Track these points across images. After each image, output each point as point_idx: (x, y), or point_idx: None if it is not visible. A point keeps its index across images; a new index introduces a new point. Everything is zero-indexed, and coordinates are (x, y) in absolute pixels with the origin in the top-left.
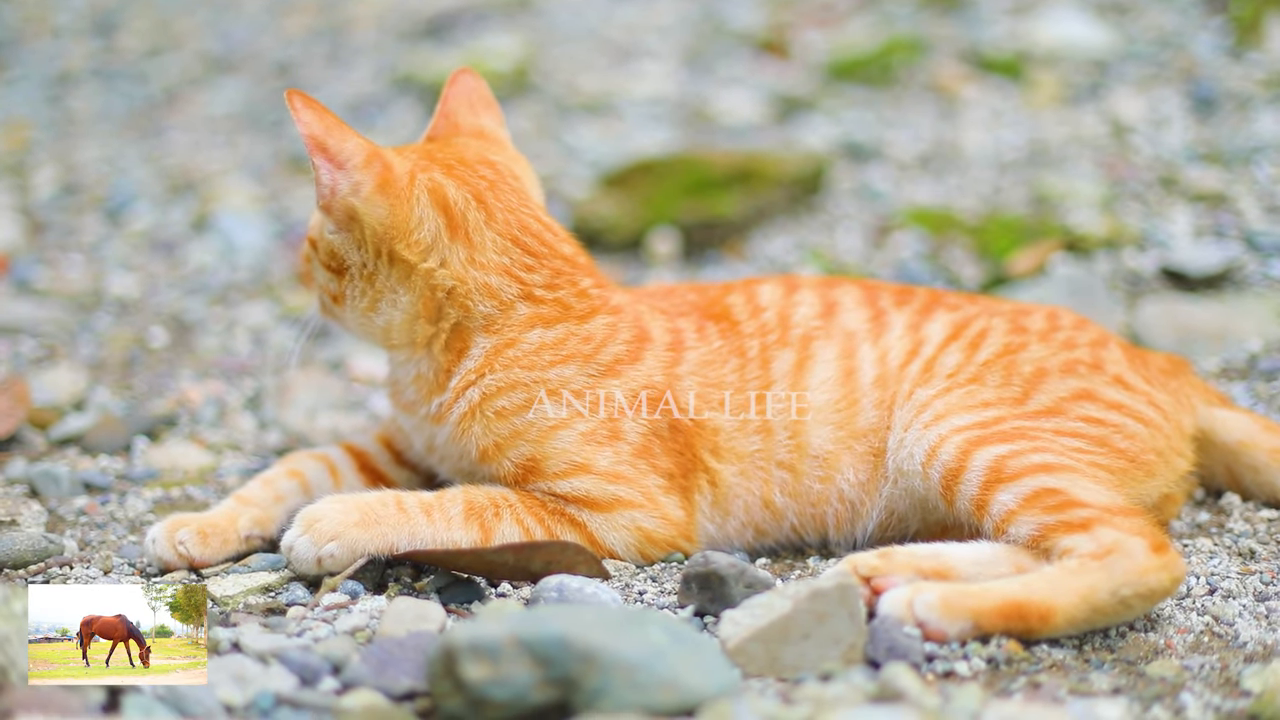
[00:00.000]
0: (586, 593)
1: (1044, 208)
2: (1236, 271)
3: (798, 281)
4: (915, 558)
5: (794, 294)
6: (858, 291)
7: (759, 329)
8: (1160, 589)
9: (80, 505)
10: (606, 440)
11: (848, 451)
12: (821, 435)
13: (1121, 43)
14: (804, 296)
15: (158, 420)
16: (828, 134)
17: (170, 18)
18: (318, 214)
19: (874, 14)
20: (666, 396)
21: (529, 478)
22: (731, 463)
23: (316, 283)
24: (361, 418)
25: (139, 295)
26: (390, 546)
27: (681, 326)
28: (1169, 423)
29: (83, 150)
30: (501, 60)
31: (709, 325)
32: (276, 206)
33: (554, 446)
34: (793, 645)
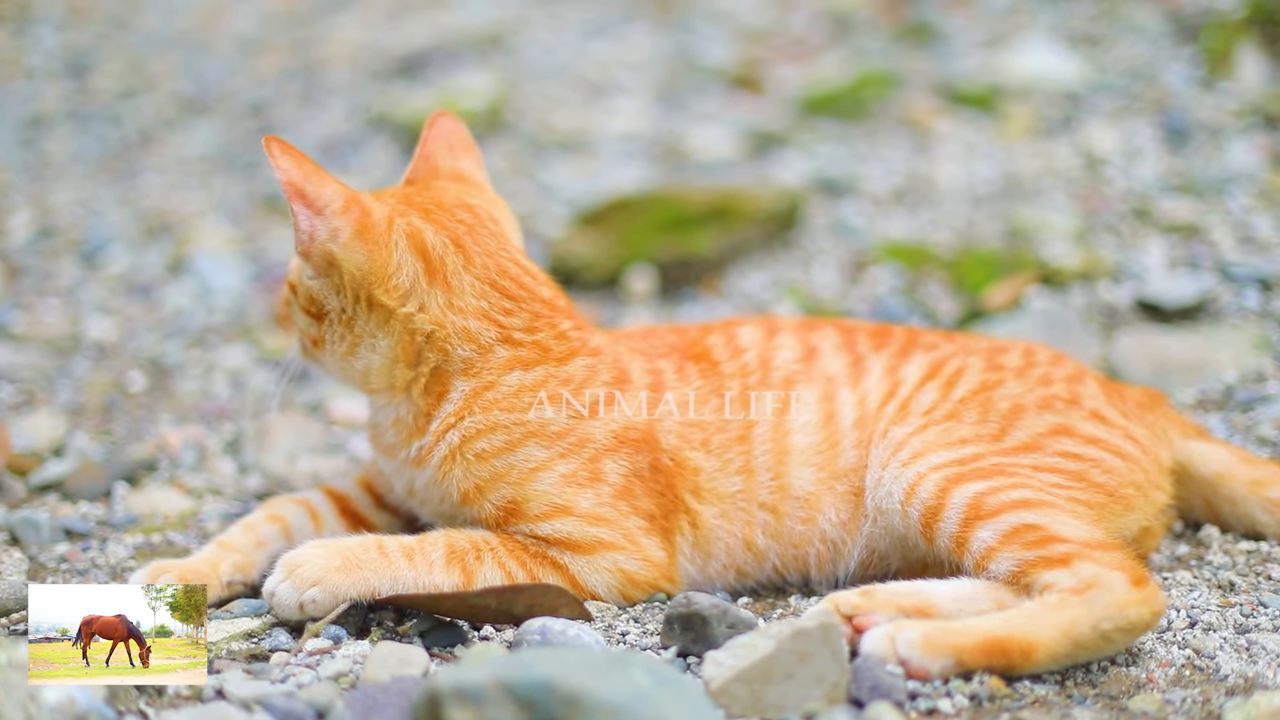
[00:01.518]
0: (570, 635)
1: (1018, 240)
2: (1211, 303)
3: (777, 324)
4: (896, 595)
5: (774, 337)
6: (837, 335)
7: (739, 370)
8: (1141, 623)
9: (61, 552)
10: (587, 482)
11: (830, 492)
12: (804, 476)
13: (1094, 74)
14: (784, 340)
15: (138, 465)
16: (802, 169)
17: (143, 59)
18: (296, 259)
19: (847, 48)
20: (646, 437)
21: (510, 520)
22: (712, 503)
23: (296, 326)
24: (341, 461)
25: (117, 339)
26: (372, 591)
27: (661, 367)
28: (1147, 456)
29: (58, 193)
30: (475, 99)
31: (689, 365)
32: (252, 248)
33: (535, 489)
34: (776, 685)
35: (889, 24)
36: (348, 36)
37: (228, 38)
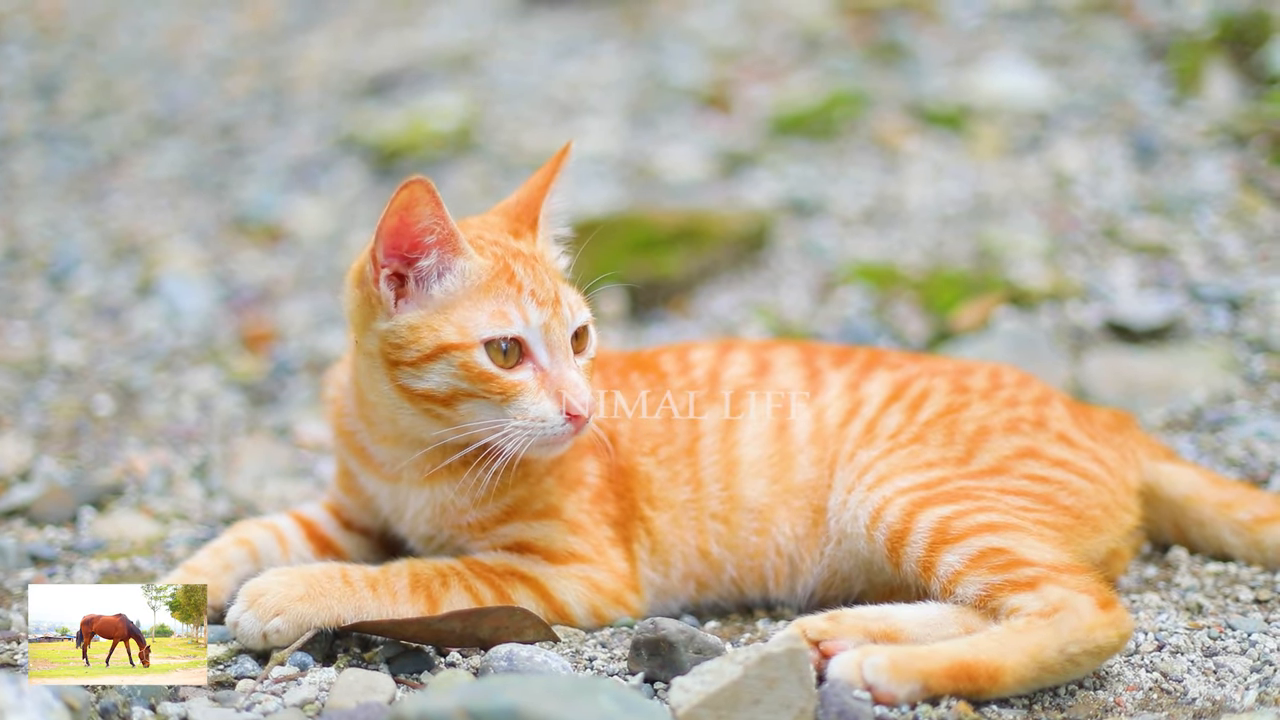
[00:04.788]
0: (536, 661)
1: (987, 261)
2: (1180, 324)
3: (734, 344)
4: (864, 620)
5: (727, 354)
6: (794, 352)
7: (688, 384)
8: (1108, 646)
9: (27, 578)
10: (572, 485)
11: (784, 506)
12: (755, 488)
13: (1063, 93)
14: (737, 357)
15: (104, 490)
16: (772, 189)
17: (112, 79)
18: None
19: (816, 68)
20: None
21: (509, 519)
22: (664, 511)
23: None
24: (309, 485)
25: (84, 362)
26: (336, 619)
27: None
28: (1114, 478)
29: (25, 215)
30: (444, 120)
31: (634, 373)
32: (221, 269)
33: (542, 486)
34: (743, 711)
35: (859, 44)
36: (318, 57)
37: (197, 58)
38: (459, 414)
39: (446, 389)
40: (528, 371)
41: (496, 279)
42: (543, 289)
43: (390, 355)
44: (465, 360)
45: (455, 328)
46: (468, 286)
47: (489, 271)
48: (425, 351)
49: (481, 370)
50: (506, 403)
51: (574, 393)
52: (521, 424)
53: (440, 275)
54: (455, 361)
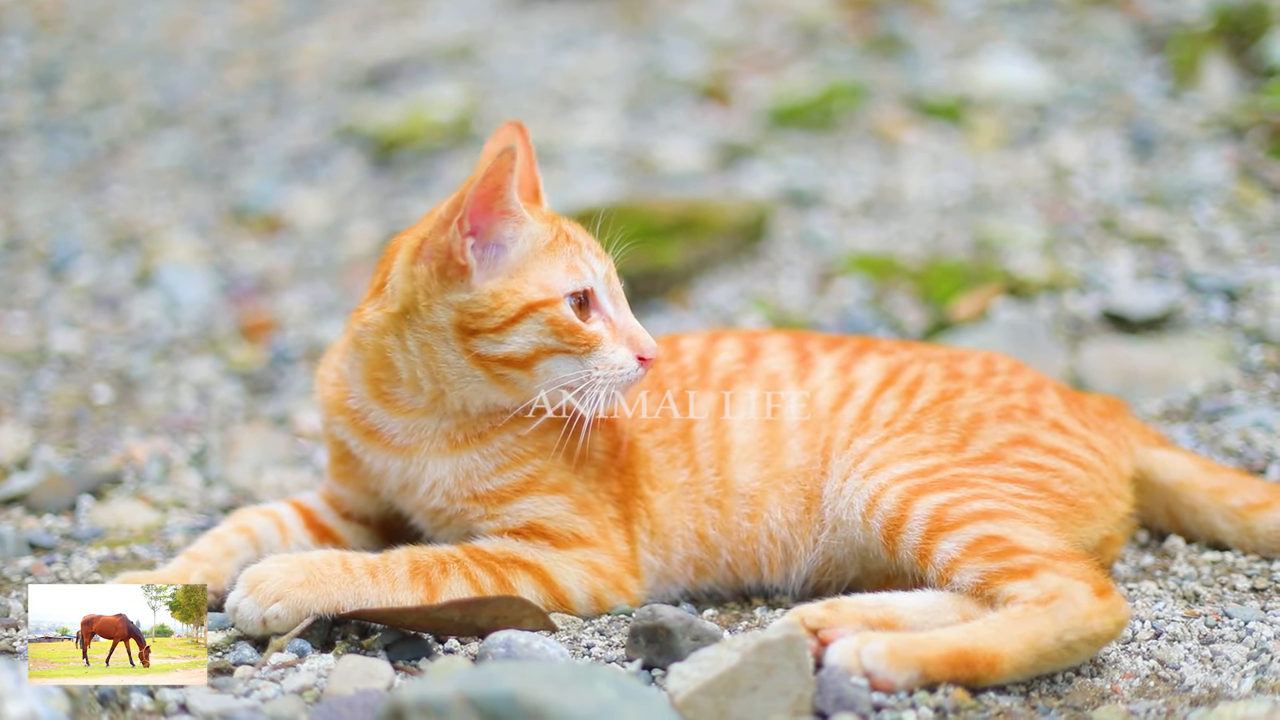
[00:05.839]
0: (534, 648)
1: (985, 252)
2: (1177, 314)
3: (722, 333)
4: (862, 608)
5: (716, 342)
6: (784, 338)
7: (678, 371)
8: (1105, 633)
9: (26, 566)
10: (579, 463)
11: (775, 491)
12: (747, 473)
13: (1061, 85)
14: (726, 344)
15: (103, 478)
16: (770, 181)
17: (112, 70)
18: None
19: (815, 60)
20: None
21: (518, 495)
22: (664, 492)
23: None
24: (307, 473)
25: (83, 352)
26: (336, 606)
27: None
28: (1107, 465)
29: (25, 205)
30: (443, 111)
31: None
32: (220, 260)
33: (554, 462)
34: (741, 698)
35: (857, 36)
36: (317, 48)
37: (197, 50)
38: (534, 374)
39: (530, 348)
40: (600, 323)
41: (558, 239)
42: (594, 244)
43: (469, 325)
44: (553, 315)
45: (537, 286)
46: (536, 249)
47: (550, 233)
48: (510, 315)
49: (570, 323)
50: (589, 353)
51: (641, 337)
52: (604, 373)
53: (514, 241)
54: (543, 318)
